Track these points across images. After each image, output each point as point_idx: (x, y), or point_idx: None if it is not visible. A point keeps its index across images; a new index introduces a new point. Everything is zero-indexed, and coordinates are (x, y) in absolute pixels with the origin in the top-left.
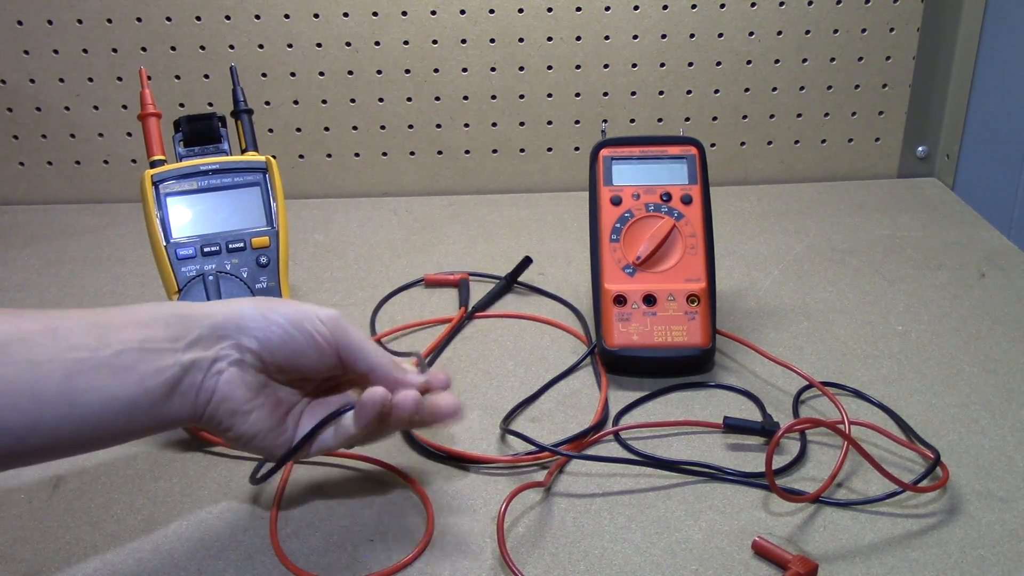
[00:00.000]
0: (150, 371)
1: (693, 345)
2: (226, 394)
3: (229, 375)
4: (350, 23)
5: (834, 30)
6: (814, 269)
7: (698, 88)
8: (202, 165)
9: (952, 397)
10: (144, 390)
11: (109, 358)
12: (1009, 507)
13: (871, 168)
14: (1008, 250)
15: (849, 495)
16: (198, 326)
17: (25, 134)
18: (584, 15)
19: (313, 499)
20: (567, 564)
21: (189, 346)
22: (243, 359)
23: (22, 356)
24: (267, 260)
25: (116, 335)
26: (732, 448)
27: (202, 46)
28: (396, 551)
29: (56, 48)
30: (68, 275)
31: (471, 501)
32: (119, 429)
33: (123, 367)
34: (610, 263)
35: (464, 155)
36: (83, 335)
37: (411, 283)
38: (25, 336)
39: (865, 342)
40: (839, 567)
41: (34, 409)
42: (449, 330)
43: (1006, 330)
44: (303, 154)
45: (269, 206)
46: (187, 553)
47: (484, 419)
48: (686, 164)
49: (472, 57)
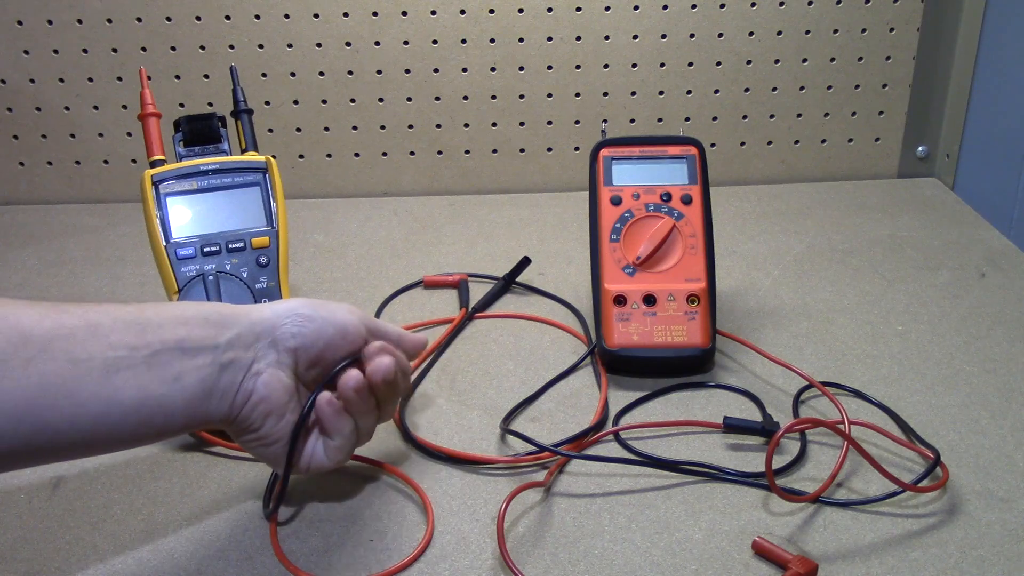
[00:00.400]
0: (188, 370)
1: (693, 345)
2: (264, 395)
3: (268, 376)
4: (350, 23)
5: (834, 30)
6: (814, 269)
7: (698, 88)
8: (202, 165)
9: (952, 397)
10: (182, 388)
11: (148, 357)
12: (1009, 507)
13: (871, 168)
14: (1008, 250)
15: (849, 495)
16: (237, 324)
17: (25, 134)
18: (584, 15)
19: (313, 499)
20: (567, 564)
21: (228, 345)
22: (280, 359)
23: (63, 353)
24: (267, 260)
25: (155, 333)
26: (732, 448)
27: (202, 46)
28: (396, 551)
29: (56, 48)
30: (68, 275)
31: (471, 501)
32: (156, 428)
33: (161, 366)
34: (610, 263)
35: (464, 155)
36: (123, 332)
37: (411, 285)
38: (68, 332)
39: (865, 342)
40: (839, 567)
41: (73, 407)
42: (450, 331)
43: (1006, 330)
44: (303, 154)
45: (269, 206)
46: (187, 553)
47: (484, 419)
48: (686, 164)
49: (472, 57)
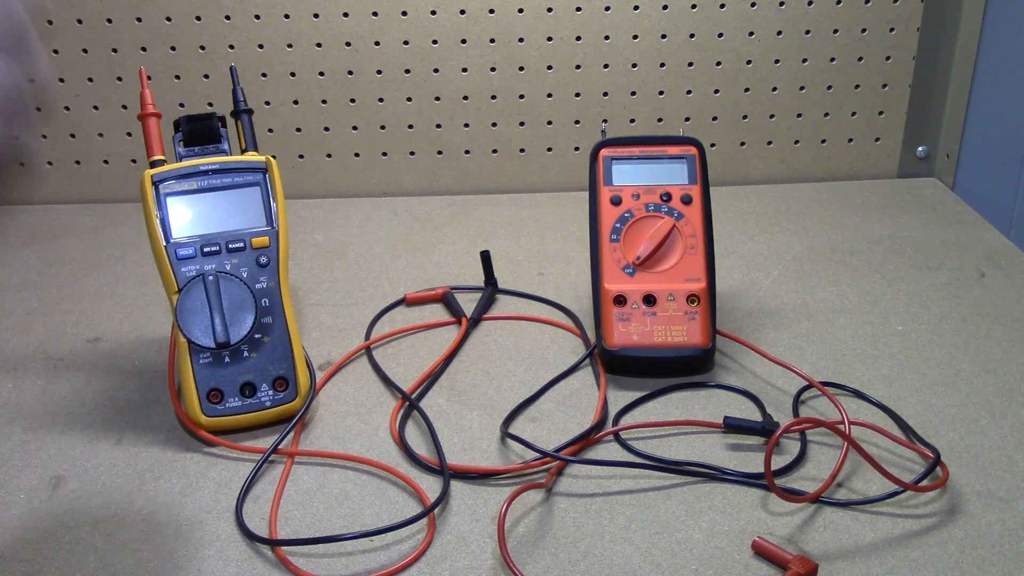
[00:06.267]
0: None
1: (693, 345)
2: None
3: None
4: (350, 23)
5: (834, 30)
6: (814, 269)
7: (698, 88)
8: (202, 165)
9: (952, 397)
10: None
11: None
12: (1009, 507)
13: (871, 168)
14: (1008, 250)
15: (849, 495)
16: None
17: (25, 134)
18: (584, 15)
19: (313, 499)
20: (567, 564)
21: None
22: None
23: None
24: (267, 260)
25: None
26: (732, 448)
27: (202, 46)
28: (396, 551)
29: (56, 48)
30: (68, 275)
31: (471, 501)
32: None
33: None
34: (610, 263)
35: (464, 155)
36: None
37: (393, 304)
38: None
39: (865, 342)
40: (839, 567)
41: None
42: (458, 341)
43: (1006, 330)
44: (303, 154)
45: (269, 206)
46: (187, 553)
47: (484, 419)
48: (686, 164)
49: (472, 57)
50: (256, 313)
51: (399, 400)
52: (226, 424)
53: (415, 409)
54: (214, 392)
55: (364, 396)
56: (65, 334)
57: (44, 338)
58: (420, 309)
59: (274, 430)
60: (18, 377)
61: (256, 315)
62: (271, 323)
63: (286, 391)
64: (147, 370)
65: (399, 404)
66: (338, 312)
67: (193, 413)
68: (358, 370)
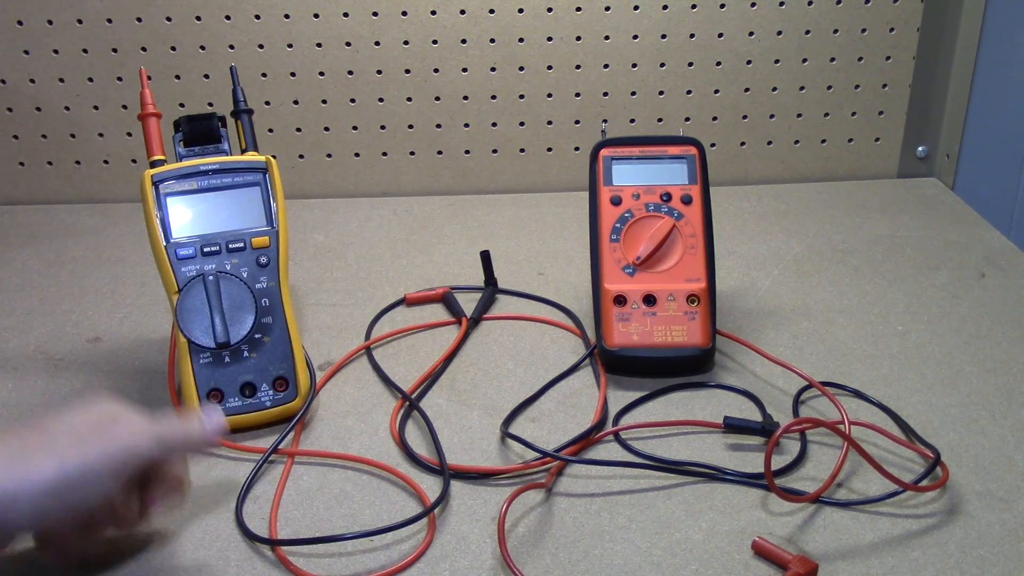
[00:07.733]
0: None
1: (693, 345)
2: None
3: None
4: (350, 23)
5: (834, 30)
6: (814, 269)
7: (698, 88)
8: (202, 165)
9: (952, 397)
10: None
11: None
12: (1009, 507)
13: (871, 168)
14: (1008, 250)
15: (849, 495)
16: None
17: (25, 134)
18: (584, 15)
19: (313, 499)
20: (567, 564)
21: None
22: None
23: None
24: (267, 260)
25: None
26: (732, 448)
27: (202, 46)
28: (396, 551)
29: (56, 48)
30: (68, 275)
31: (471, 501)
32: None
33: None
34: (610, 263)
35: (464, 155)
36: None
37: (394, 304)
38: None
39: (865, 342)
40: (839, 567)
41: None
42: (457, 341)
43: (1006, 330)
44: (303, 154)
45: (269, 206)
46: (187, 553)
47: (484, 419)
48: (686, 164)
49: (472, 57)
50: (256, 313)
51: (399, 400)
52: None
53: (415, 409)
54: (214, 392)
55: (364, 396)
56: (65, 334)
57: (44, 338)
58: (420, 309)
59: (274, 430)
60: (18, 377)
61: (256, 315)
62: (271, 323)
63: (286, 391)
64: (147, 370)
65: (399, 404)
66: (338, 312)
67: None
68: (358, 370)
